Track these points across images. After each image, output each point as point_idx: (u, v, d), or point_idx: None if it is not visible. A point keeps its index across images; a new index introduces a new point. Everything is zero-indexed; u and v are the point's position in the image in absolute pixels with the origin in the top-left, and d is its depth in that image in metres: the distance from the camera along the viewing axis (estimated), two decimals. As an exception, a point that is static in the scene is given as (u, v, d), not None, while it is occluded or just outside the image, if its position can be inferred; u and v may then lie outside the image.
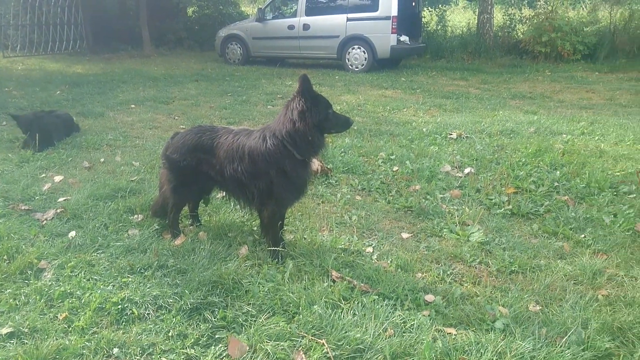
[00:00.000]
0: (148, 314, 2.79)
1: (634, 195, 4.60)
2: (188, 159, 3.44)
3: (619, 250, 3.61)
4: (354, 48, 13.94)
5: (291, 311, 2.83)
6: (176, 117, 8.04)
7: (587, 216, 4.15)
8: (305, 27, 14.41)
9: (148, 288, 2.99)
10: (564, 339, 2.58)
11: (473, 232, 3.86)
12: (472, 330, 2.70)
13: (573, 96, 10.33)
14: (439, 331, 2.69)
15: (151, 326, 2.68)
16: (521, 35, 16.68)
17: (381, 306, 2.85)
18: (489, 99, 9.97)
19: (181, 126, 7.21)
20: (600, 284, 3.18)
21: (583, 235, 3.84)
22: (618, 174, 5.14)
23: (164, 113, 8.34)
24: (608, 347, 2.55)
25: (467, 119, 7.87)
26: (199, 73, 13.21)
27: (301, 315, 2.76)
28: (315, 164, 4.95)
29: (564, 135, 6.76)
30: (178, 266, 3.25)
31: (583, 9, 18.22)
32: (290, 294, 2.94)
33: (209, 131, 3.45)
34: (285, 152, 3.10)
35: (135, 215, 4.05)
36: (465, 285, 3.19)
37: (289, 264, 3.25)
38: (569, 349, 2.51)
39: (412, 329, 2.69)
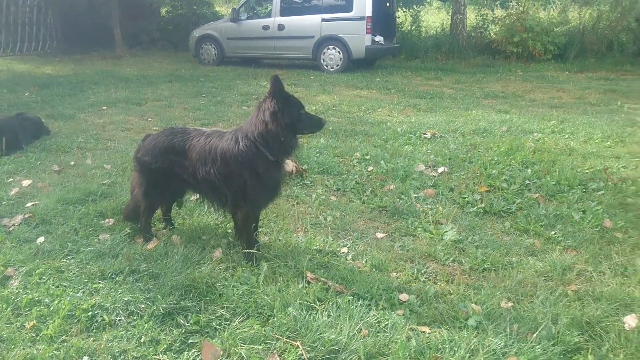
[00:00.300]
0: (119, 320, 2.74)
1: (602, 192, 4.71)
2: (160, 161, 3.40)
3: (587, 246, 3.69)
4: (329, 48, 13.96)
5: (266, 314, 2.82)
6: (149, 119, 7.93)
7: (557, 213, 4.23)
8: (280, 27, 14.37)
9: (119, 294, 2.93)
10: (535, 335, 2.62)
11: (447, 231, 3.89)
12: (446, 329, 2.72)
13: (544, 95, 10.53)
14: (413, 330, 2.70)
15: (122, 333, 2.63)
16: (494, 36, 16.94)
17: (356, 306, 2.85)
18: (462, 98, 10.09)
19: (154, 128, 7.11)
20: (569, 279, 3.25)
21: (553, 232, 3.91)
22: (587, 171, 5.26)
23: (136, 115, 8.21)
24: (577, 342, 2.61)
25: (441, 119, 7.96)
26: (173, 74, 13.06)
27: (276, 318, 2.74)
28: (290, 165, 4.94)
29: (535, 134, 6.89)
30: (150, 271, 3.20)
31: (553, 9, 18.61)
32: (265, 297, 2.92)
33: (181, 133, 3.41)
34: (257, 153, 3.08)
35: (107, 220, 3.98)
36: (439, 283, 3.21)
37: (264, 266, 3.23)
38: (539, 344, 2.55)
39: (387, 328, 2.70)
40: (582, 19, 16.29)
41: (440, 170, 5.31)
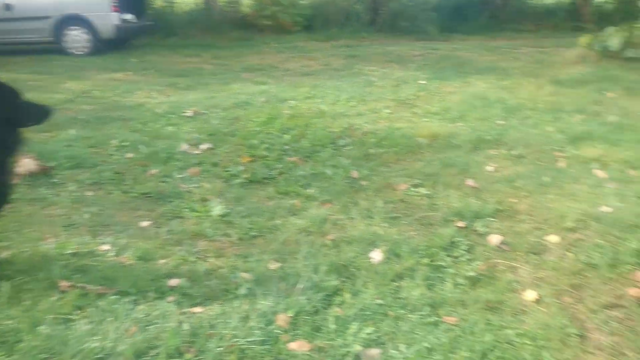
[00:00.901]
0: None
1: (350, 147, 5.26)
2: None
3: (340, 197, 4.07)
4: (72, 29, 12.51)
5: (12, 341, 2.42)
6: None
7: (313, 172, 4.57)
8: (7, 7, 12.33)
9: None
10: (300, 287, 2.80)
11: (214, 207, 3.88)
12: (219, 304, 2.71)
13: (297, 64, 11.24)
14: (184, 314, 2.63)
15: None
16: (247, 9, 17.35)
17: (121, 305, 2.65)
18: (222, 73, 10.14)
19: None
20: (327, 230, 3.54)
21: (312, 190, 4.22)
22: (336, 130, 5.80)
23: None
24: (336, 284, 2.85)
25: (202, 95, 7.88)
26: None
27: (24, 342, 2.38)
28: (31, 164, 4.32)
29: (291, 102, 7.31)
30: None
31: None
32: (8, 322, 2.51)
33: None
34: (-33, 156, 2.58)
35: None
36: (210, 260, 3.18)
37: (4, 286, 2.76)
38: (304, 295, 2.73)
39: (157, 319, 2.58)
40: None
41: (203, 147, 5.26)
